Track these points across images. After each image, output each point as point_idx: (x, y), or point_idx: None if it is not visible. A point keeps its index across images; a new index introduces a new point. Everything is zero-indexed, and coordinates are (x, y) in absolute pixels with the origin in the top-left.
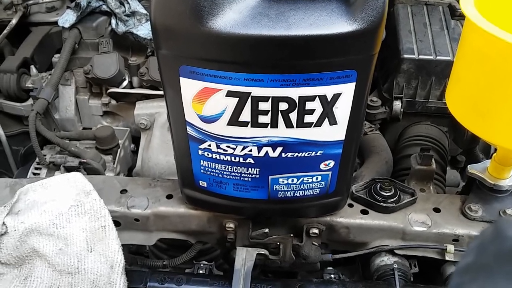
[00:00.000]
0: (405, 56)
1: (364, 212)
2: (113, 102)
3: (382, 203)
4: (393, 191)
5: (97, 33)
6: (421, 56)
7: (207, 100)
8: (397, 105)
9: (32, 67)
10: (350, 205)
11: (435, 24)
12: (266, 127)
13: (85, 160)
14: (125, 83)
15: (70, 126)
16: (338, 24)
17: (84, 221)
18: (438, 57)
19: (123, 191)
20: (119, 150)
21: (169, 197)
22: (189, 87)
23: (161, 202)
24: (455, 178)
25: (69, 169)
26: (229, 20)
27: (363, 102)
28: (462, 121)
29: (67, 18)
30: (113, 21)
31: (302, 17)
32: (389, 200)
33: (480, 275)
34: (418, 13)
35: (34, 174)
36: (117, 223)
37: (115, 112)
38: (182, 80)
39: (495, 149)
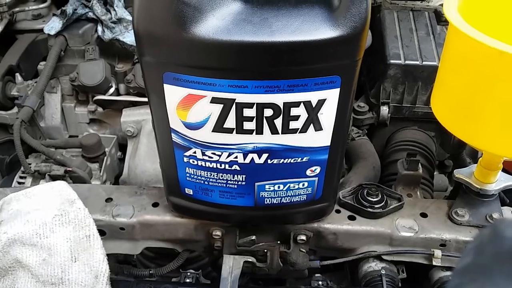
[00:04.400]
0: (392, 61)
1: (351, 218)
2: (100, 109)
3: (369, 209)
4: (380, 196)
5: (83, 40)
6: (407, 62)
7: (191, 107)
8: (384, 110)
9: (17, 75)
10: (338, 211)
11: (421, 29)
12: (251, 133)
13: (70, 169)
14: (111, 90)
15: (56, 134)
16: (321, 30)
17: (68, 230)
18: (424, 62)
19: (108, 200)
20: (105, 158)
21: (155, 205)
22: (173, 94)
23: (147, 211)
24: (443, 183)
25: (54, 178)
26: (212, 26)
27: (348, 108)
28: (447, 126)
29: (53, 25)
30: (99, 28)
31: (286, 23)
32: (376, 206)
33: (479, 275)
34: (404, 18)
35: (19, 183)
36: (102, 232)
37: (102, 120)
38: (166, 87)
39: (482, 154)
